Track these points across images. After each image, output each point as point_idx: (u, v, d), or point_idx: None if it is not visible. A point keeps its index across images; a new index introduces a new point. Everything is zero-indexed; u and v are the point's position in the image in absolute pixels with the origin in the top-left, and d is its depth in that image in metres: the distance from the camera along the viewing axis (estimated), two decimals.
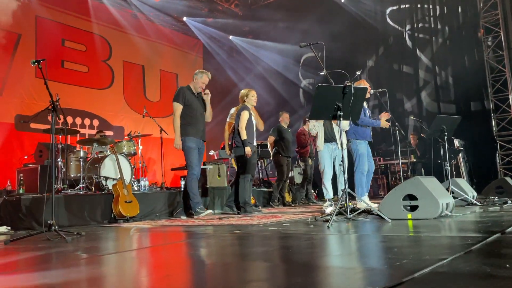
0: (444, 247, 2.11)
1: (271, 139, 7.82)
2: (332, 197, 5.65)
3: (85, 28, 9.68)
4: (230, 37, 12.39)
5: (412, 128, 10.29)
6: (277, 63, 11.84)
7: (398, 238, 2.54)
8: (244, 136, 5.67)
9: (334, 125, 5.48)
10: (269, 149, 7.94)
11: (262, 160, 9.46)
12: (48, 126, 4.06)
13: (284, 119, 7.88)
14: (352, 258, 1.99)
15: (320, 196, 9.83)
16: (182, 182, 7.41)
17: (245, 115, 5.73)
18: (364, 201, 4.60)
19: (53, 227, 3.59)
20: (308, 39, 6.33)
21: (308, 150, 8.33)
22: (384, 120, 5.59)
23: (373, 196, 10.13)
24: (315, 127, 5.76)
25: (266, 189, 8.35)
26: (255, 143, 6.14)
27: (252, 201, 7.31)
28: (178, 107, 5.36)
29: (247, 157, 5.70)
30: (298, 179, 9.29)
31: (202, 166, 6.87)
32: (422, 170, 9.53)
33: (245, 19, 12.01)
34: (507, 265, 1.54)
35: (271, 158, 8.16)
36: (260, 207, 7.27)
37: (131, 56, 10.57)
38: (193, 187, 5.35)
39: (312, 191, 9.19)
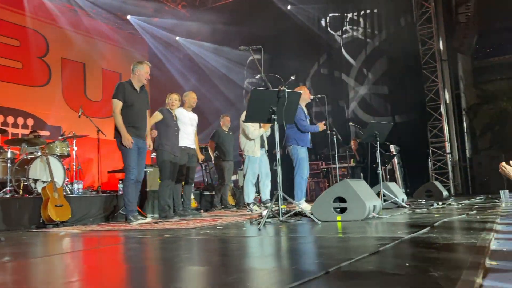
0: (359, 247, 2.18)
1: (211, 143, 7.75)
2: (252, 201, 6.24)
3: (18, 22, 9.13)
4: (177, 38, 12.22)
5: (353, 134, 10.65)
6: (224, 66, 11.84)
7: (319, 240, 2.60)
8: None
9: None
10: (210, 153, 7.88)
11: (206, 164, 9.39)
12: None
13: (225, 123, 7.82)
14: (268, 259, 2.01)
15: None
16: (120, 185, 7.18)
17: (155, 115, 5.75)
18: (298, 205, 4.71)
19: None
20: (254, 43, 6.39)
21: None
22: (322, 124, 5.79)
23: (315, 199, 10.36)
24: (260, 132, 5.98)
25: (209, 193, 8.30)
26: (193, 146, 6.08)
27: (194, 205, 7.25)
28: (118, 104, 4.91)
29: (162, 163, 5.67)
30: (242, 182, 9.31)
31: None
32: (361, 174, 9.89)
33: (193, 21, 11.90)
34: (407, 264, 1.62)
35: (213, 162, 8.09)
36: (202, 210, 7.22)
37: (70, 53, 10.10)
38: (129, 193, 4.92)
39: (256, 194, 9.23)
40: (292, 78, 4.21)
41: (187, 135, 5.94)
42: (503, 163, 3.30)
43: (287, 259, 2.01)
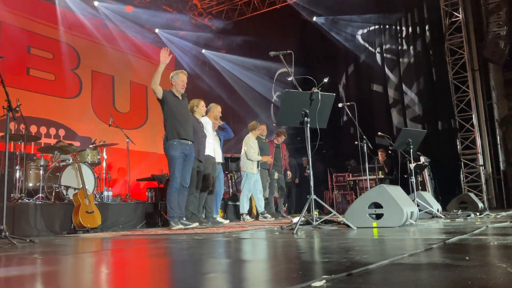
0: (406, 246, 2.07)
1: None
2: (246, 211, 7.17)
3: (52, 36, 9.42)
4: (203, 51, 12.37)
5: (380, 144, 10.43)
6: (250, 79, 11.86)
7: (361, 240, 2.50)
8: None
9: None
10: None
11: (232, 174, 9.35)
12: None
13: (262, 132, 7.78)
14: (315, 254, 1.92)
15: (289, 210, 9.80)
16: (148, 194, 7.21)
17: None
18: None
19: (3, 233, 3.38)
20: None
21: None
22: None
23: (342, 211, 10.15)
24: (258, 158, 7.12)
25: (232, 203, 8.24)
26: (213, 155, 6.02)
27: (221, 214, 7.21)
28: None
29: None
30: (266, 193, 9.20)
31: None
32: None
33: (219, 34, 12.04)
34: (467, 258, 1.51)
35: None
36: (228, 220, 7.16)
37: (100, 66, 10.33)
38: (172, 200, 4.99)
39: (282, 205, 9.11)
40: (325, 80, 4.13)
41: (210, 144, 5.91)
42: None
43: (333, 254, 1.92)
